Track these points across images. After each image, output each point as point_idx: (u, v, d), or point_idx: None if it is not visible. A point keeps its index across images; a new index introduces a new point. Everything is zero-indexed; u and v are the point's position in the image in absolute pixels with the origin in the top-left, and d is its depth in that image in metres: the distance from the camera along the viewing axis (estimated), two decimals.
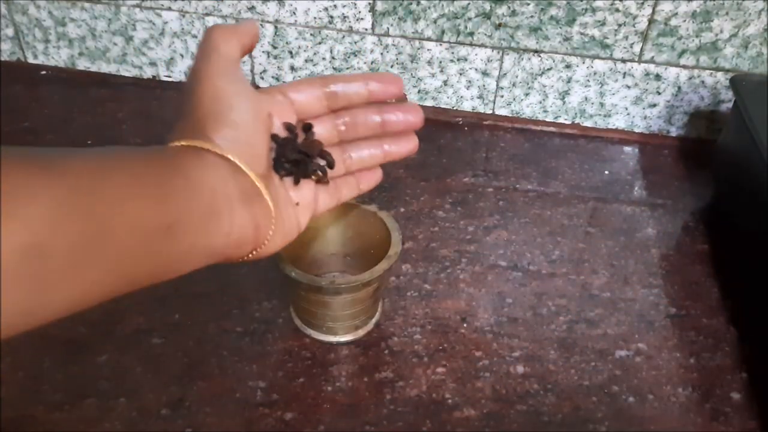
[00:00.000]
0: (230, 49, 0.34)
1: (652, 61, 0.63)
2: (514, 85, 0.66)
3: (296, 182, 0.36)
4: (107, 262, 0.26)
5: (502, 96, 0.67)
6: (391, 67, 0.67)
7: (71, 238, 0.24)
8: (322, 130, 0.38)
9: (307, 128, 0.37)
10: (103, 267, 0.26)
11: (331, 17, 0.65)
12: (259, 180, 0.33)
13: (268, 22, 0.66)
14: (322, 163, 0.37)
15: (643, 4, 0.60)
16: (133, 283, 0.28)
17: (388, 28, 0.65)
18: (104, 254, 0.26)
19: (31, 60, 0.73)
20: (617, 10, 0.60)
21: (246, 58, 0.69)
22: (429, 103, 0.69)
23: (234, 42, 0.34)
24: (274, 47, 0.68)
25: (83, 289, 0.26)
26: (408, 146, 0.40)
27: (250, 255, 0.34)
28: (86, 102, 0.69)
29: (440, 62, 0.66)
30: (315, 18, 0.65)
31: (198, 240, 0.30)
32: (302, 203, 0.37)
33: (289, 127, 0.36)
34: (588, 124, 0.68)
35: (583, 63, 0.64)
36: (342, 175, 0.39)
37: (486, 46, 0.64)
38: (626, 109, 0.66)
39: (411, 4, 0.63)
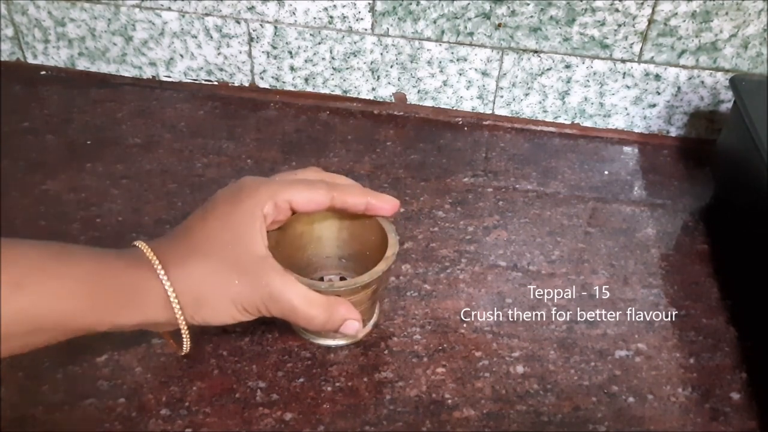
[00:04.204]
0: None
1: (651, 61, 0.63)
2: (513, 85, 0.66)
3: None
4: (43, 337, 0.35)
5: (501, 96, 0.67)
6: (391, 67, 0.67)
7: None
8: None
9: None
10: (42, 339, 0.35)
11: (331, 17, 0.65)
12: (187, 331, 0.39)
13: (267, 22, 0.66)
14: None
15: (642, 4, 0.60)
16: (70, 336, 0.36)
17: (387, 29, 0.65)
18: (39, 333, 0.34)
19: (30, 60, 0.73)
20: (617, 10, 0.60)
21: (246, 58, 0.69)
22: (429, 103, 0.69)
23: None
24: (274, 47, 0.68)
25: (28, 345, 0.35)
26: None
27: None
28: (86, 102, 0.69)
29: (440, 62, 0.66)
30: (315, 18, 0.65)
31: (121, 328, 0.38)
32: None
33: None
34: (588, 124, 0.68)
35: (583, 63, 0.64)
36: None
37: (486, 46, 0.64)
38: (626, 109, 0.66)
39: (411, 4, 0.63)
